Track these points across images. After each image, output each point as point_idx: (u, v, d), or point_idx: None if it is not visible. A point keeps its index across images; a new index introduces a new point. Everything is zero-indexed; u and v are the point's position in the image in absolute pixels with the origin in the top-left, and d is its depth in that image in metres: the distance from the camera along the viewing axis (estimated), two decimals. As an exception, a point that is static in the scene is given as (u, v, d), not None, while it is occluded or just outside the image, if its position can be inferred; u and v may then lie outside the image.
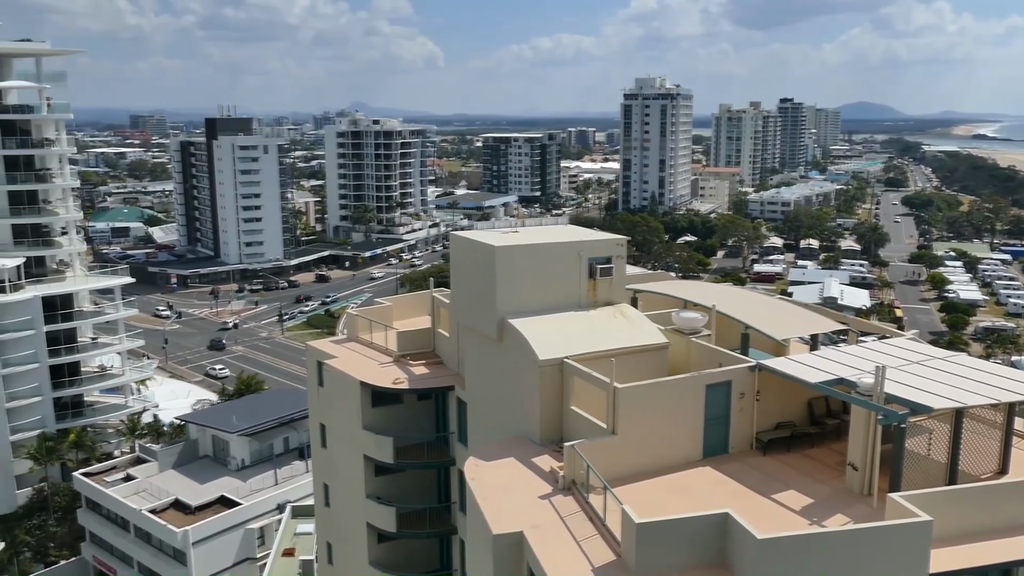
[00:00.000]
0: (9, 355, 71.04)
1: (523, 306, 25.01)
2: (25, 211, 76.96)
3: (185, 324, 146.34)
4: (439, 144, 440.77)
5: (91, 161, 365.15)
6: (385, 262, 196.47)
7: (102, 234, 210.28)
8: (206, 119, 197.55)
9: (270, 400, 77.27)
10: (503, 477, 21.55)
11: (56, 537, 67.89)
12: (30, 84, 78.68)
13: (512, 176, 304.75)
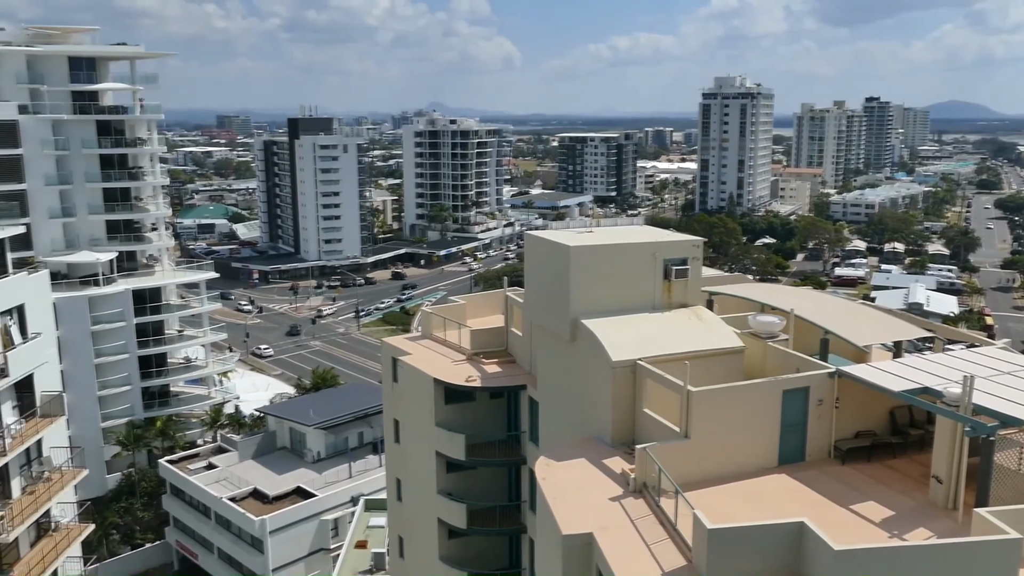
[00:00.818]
0: (102, 345, 74.22)
1: (597, 307, 24.88)
2: (119, 207, 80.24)
3: (266, 319, 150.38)
4: (515, 144, 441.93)
5: (180, 160, 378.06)
6: (460, 260, 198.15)
7: (189, 230, 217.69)
8: (288, 119, 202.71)
9: (346, 395, 78.86)
10: (574, 477, 21.49)
11: (142, 521, 70.60)
12: (125, 86, 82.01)
13: (588, 176, 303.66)
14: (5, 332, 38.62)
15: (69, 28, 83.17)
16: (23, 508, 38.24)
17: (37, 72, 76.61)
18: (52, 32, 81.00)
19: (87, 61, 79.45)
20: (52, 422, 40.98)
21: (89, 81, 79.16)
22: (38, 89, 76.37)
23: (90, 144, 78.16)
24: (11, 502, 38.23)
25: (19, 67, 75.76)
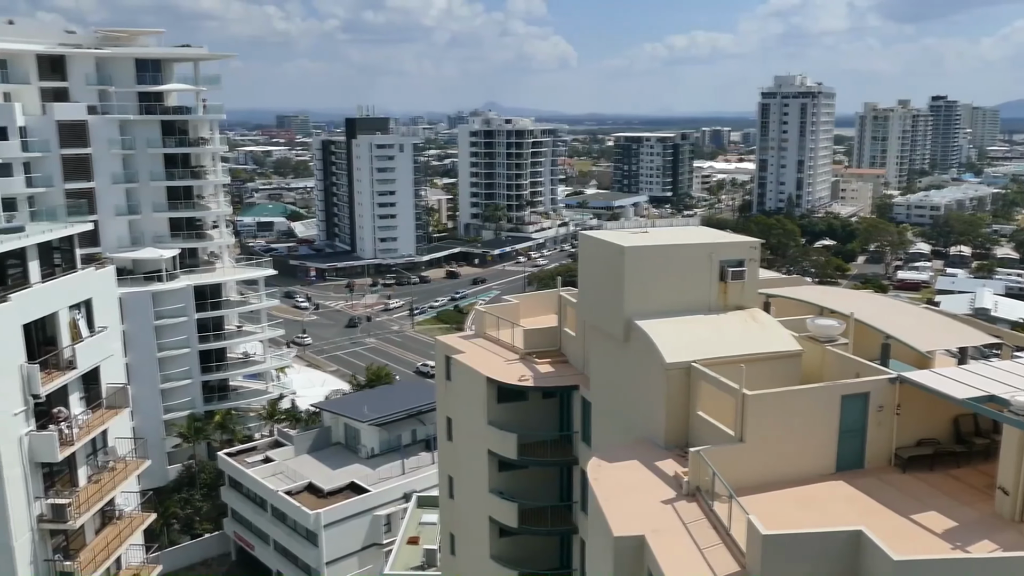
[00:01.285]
0: (164, 340, 76.23)
1: (651, 308, 24.69)
2: (181, 205, 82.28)
3: (322, 315, 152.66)
4: (570, 143, 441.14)
5: (240, 159, 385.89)
6: (514, 260, 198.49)
7: (248, 228, 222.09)
8: (346, 119, 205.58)
9: (399, 392, 79.64)
10: (626, 479, 21.37)
11: (201, 511, 72.25)
12: (188, 87, 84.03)
13: (643, 176, 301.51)
14: (74, 325, 39.87)
15: (136, 31, 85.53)
16: (89, 496, 39.43)
17: (105, 74, 78.99)
18: (120, 35, 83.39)
19: (153, 63, 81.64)
20: (117, 413, 42.16)
21: (155, 82, 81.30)
22: (106, 90, 78.74)
23: (155, 144, 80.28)
24: (78, 490, 39.44)
25: (89, 69, 78.20)
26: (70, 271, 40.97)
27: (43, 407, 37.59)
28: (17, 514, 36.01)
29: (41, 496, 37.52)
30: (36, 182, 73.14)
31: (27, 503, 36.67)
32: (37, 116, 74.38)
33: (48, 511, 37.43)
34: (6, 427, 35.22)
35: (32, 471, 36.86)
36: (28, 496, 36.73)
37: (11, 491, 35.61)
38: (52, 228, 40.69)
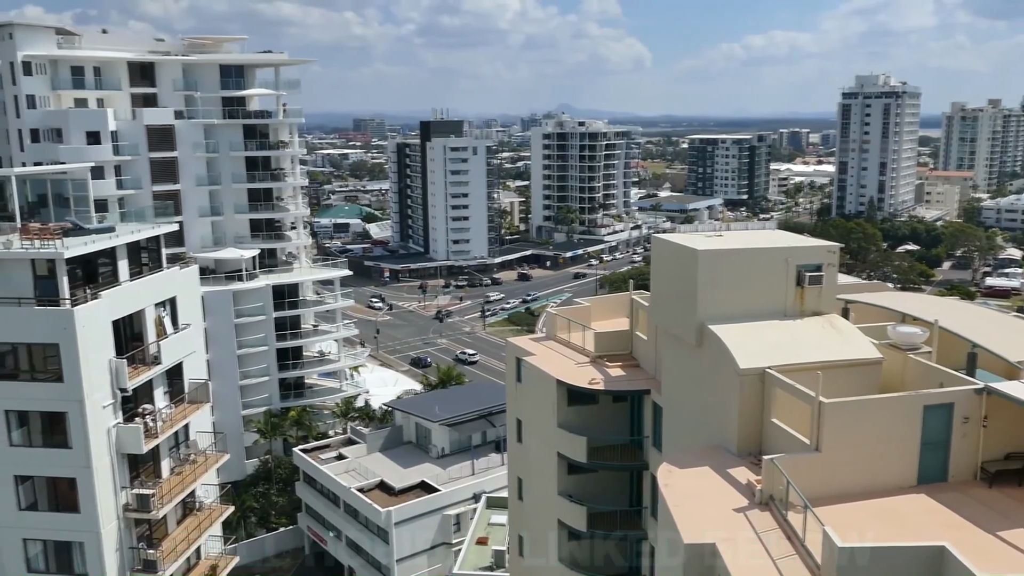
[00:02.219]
0: (244, 337, 78.40)
1: (725, 312, 24.32)
2: (261, 207, 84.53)
3: (395, 316, 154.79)
4: (644, 145, 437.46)
5: (318, 162, 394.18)
6: (585, 262, 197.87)
7: (325, 229, 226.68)
8: (421, 122, 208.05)
9: (470, 393, 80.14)
10: (697, 485, 21.09)
11: (277, 506, 74.02)
12: (269, 92, 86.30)
13: (718, 178, 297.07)
14: (159, 322, 41.38)
15: (220, 38, 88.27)
16: (171, 488, 40.85)
17: (192, 79, 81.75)
18: (205, 42, 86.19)
19: (236, 68, 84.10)
20: (198, 408, 43.59)
21: (238, 87, 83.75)
22: (192, 95, 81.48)
23: (237, 147, 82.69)
24: (161, 481, 40.91)
25: (176, 75, 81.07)
26: (156, 270, 42.53)
27: (130, 400, 39.12)
28: (105, 502, 37.55)
29: (127, 486, 39.03)
30: (126, 184, 76.17)
31: (114, 492, 38.20)
32: (128, 121, 77.44)
33: (133, 500, 38.93)
34: (96, 419, 36.75)
35: (119, 462, 38.38)
36: (115, 486, 38.26)
37: (99, 480, 37.15)
38: (140, 229, 42.35)
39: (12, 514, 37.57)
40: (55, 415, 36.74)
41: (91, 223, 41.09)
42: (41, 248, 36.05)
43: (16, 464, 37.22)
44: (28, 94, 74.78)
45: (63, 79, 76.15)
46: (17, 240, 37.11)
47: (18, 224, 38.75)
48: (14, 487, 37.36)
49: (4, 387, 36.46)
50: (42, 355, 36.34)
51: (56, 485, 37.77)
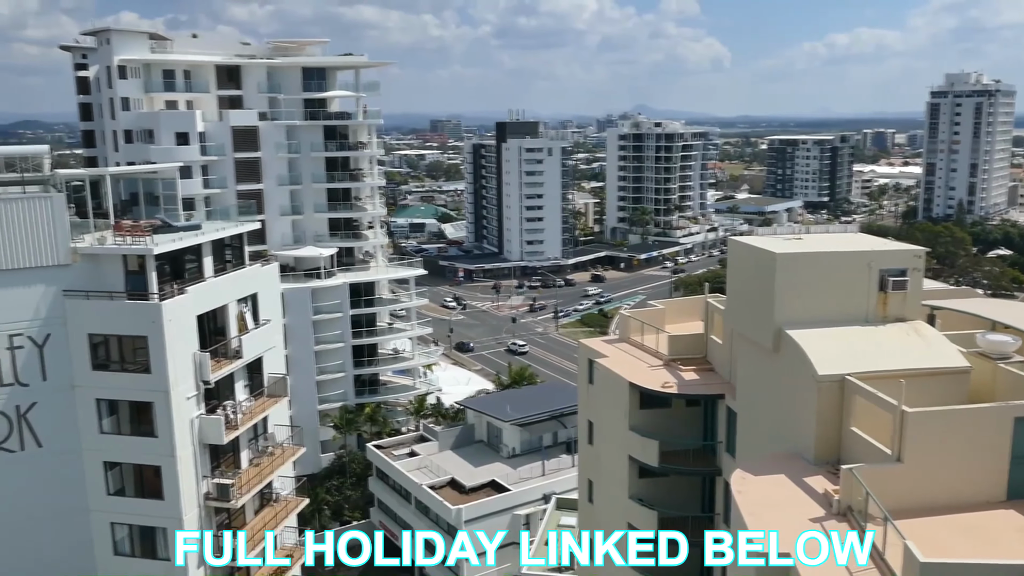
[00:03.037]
0: (321, 334, 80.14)
1: (803, 317, 23.77)
2: (340, 206, 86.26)
3: (469, 315, 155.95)
4: (721, 147, 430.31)
5: (395, 162, 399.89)
6: (660, 264, 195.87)
7: (401, 229, 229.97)
8: (497, 123, 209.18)
9: (542, 393, 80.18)
10: (772, 493, 20.66)
11: (350, 500, 75.41)
12: (350, 93, 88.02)
13: (798, 180, 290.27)
14: (241, 318, 42.60)
15: (303, 41, 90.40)
16: (250, 479, 42.01)
17: (275, 82, 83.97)
18: (289, 46, 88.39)
19: (318, 71, 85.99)
20: (277, 402, 44.71)
21: (319, 89, 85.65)
22: (276, 98, 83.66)
23: (318, 148, 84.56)
24: (240, 472, 42.10)
25: (261, 78, 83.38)
26: (239, 267, 43.77)
27: (212, 393, 40.39)
28: (187, 490, 38.85)
29: (208, 476, 40.29)
30: (212, 183, 78.70)
31: (196, 481, 39.49)
32: (215, 122, 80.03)
33: (214, 490, 40.16)
34: (180, 410, 38.08)
35: (201, 452, 39.67)
36: (197, 474, 39.55)
37: (182, 469, 38.47)
38: (224, 227, 43.66)
39: (101, 499, 39.21)
40: (142, 405, 38.18)
41: (179, 221, 42.61)
42: (132, 244, 37.54)
43: (105, 451, 38.82)
44: (123, 97, 77.94)
45: (155, 82, 79.12)
46: (111, 236, 38.74)
47: (112, 221, 40.44)
48: (103, 473, 38.98)
49: (96, 377, 38.05)
50: (132, 347, 37.81)
51: (142, 472, 39.20)
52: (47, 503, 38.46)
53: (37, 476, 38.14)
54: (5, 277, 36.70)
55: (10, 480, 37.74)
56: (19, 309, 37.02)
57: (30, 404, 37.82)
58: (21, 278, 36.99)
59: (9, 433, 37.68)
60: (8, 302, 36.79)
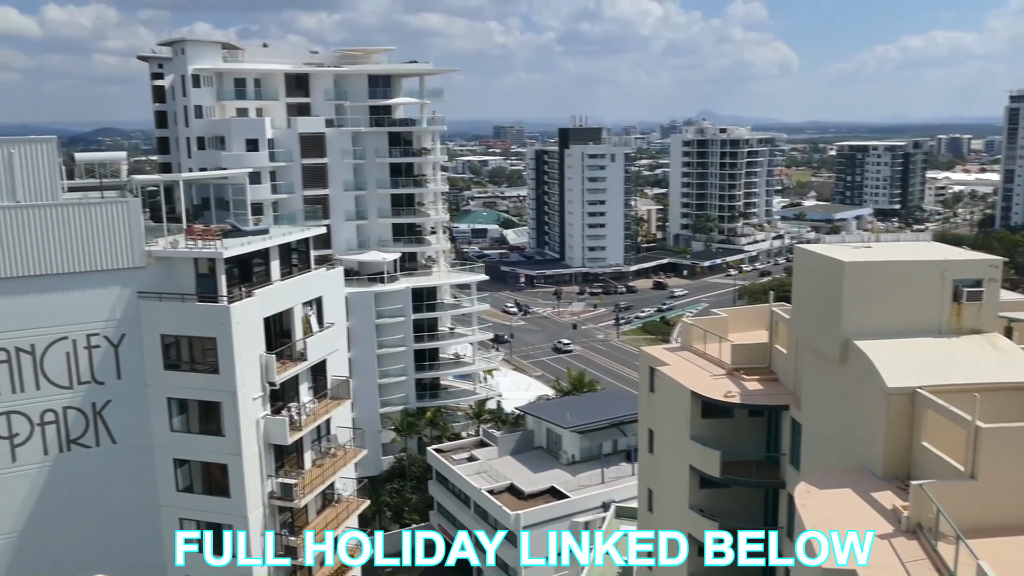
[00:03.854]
0: (384, 338, 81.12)
1: (872, 327, 23.17)
2: (403, 212, 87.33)
3: (529, 321, 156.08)
4: (788, 153, 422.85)
5: (458, 168, 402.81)
6: (724, 272, 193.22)
7: (463, 234, 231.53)
8: (559, 129, 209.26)
9: (602, 400, 79.71)
10: (838, 508, 20.15)
11: (410, 502, 76.03)
12: (414, 100, 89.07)
13: (868, 187, 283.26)
14: (306, 321, 43.43)
15: (369, 49, 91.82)
16: (312, 479, 42.74)
17: (342, 89, 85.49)
18: (355, 54, 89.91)
19: (383, 78, 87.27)
20: (340, 404, 45.41)
21: (384, 96, 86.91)
22: (342, 105, 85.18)
23: (382, 154, 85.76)
24: (303, 472, 42.87)
25: (328, 85, 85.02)
26: (305, 271, 44.65)
27: (277, 394, 41.23)
28: (252, 489, 39.72)
29: (272, 475, 41.12)
30: (280, 189, 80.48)
31: (261, 480, 40.35)
32: (283, 129, 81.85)
33: (278, 489, 40.97)
34: (247, 410, 38.97)
35: (266, 451, 40.53)
36: (262, 474, 40.40)
37: (248, 468, 39.35)
38: (291, 231, 44.64)
39: (171, 494, 40.37)
40: (211, 404, 39.19)
41: (248, 225, 43.65)
42: (203, 248, 38.61)
43: (176, 448, 39.97)
44: (196, 105, 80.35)
45: (227, 90, 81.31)
46: (183, 240, 39.92)
47: (184, 225, 41.66)
48: (173, 469, 40.13)
49: (167, 376, 39.23)
50: (201, 348, 38.87)
51: (210, 470, 40.23)
52: (120, 498, 39.74)
53: (111, 471, 39.46)
54: (84, 279, 38.12)
55: (86, 475, 39.10)
56: (96, 310, 38.41)
57: (105, 402, 39.18)
58: (99, 280, 38.38)
59: (86, 429, 39.08)
60: (87, 303, 38.21)
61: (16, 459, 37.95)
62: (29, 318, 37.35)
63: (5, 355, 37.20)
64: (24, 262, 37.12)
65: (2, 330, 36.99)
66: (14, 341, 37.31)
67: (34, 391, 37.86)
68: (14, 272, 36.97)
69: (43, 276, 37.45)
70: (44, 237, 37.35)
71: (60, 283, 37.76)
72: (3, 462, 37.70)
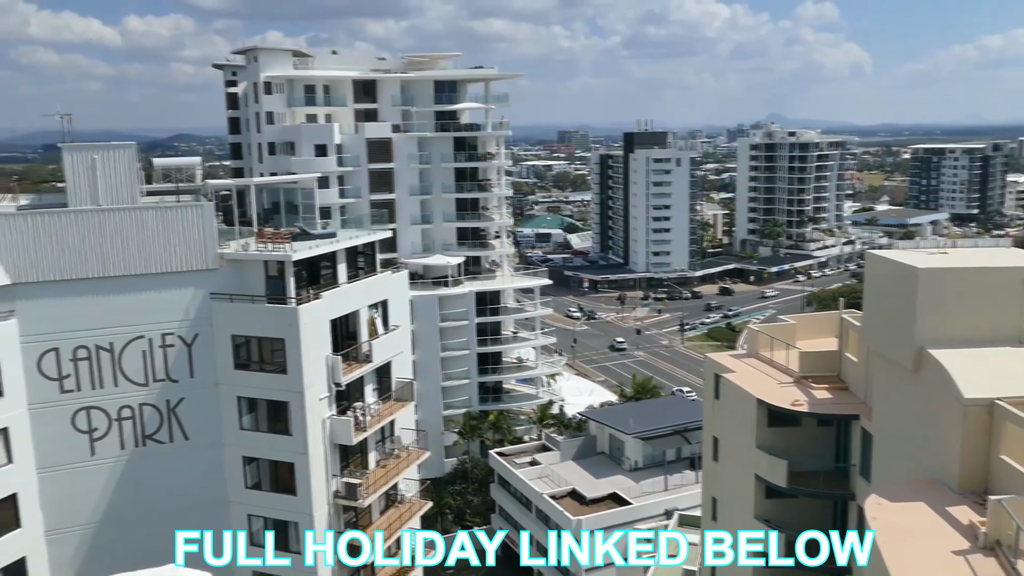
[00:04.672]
0: (447, 341, 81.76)
1: (947, 336, 22.45)
2: (468, 216, 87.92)
3: (593, 326, 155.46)
4: (860, 156, 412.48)
5: (522, 173, 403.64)
6: (792, 278, 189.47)
7: (527, 239, 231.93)
8: (624, 133, 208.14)
9: (665, 407, 79.00)
10: (910, 523, 19.56)
11: (472, 505, 76.42)
12: (479, 105, 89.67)
13: (944, 191, 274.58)
14: (371, 323, 44.04)
15: (436, 55, 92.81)
16: (376, 479, 43.27)
17: (409, 95, 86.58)
18: (422, 60, 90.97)
19: (449, 84, 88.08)
20: (403, 406, 45.90)
21: (450, 102, 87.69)
22: (408, 110, 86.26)
23: (448, 158, 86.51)
24: (368, 472, 43.43)
25: (395, 91, 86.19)
26: (371, 274, 45.28)
27: (342, 395, 41.89)
28: (318, 488, 40.42)
29: (337, 475, 41.77)
30: (347, 193, 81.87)
31: (326, 479, 41.03)
32: (351, 135, 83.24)
33: (342, 488, 41.58)
34: (313, 410, 39.69)
35: (331, 451, 41.19)
36: (327, 473, 41.08)
37: (314, 467, 40.06)
38: (358, 235, 45.33)
39: (240, 491, 41.33)
40: (279, 404, 40.01)
41: (316, 229, 44.52)
42: (273, 251, 39.50)
43: (245, 446, 40.91)
44: (268, 111, 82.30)
45: (297, 97, 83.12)
46: (253, 243, 40.91)
47: (255, 228, 42.69)
48: (242, 467, 41.08)
49: (238, 376, 40.21)
50: (270, 348, 39.72)
51: (277, 468, 41.04)
52: (191, 493, 40.83)
53: (183, 467, 40.59)
54: (160, 280, 39.36)
55: (159, 470, 40.30)
56: (171, 310, 39.62)
57: (179, 399, 40.36)
58: (174, 281, 39.58)
59: (160, 425, 40.31)
60: (162, 303, 39.44)
61: (95, 453, 39.33)
62: (109, 317, 38.71)
63: (86, 352, 38.61)
64: (105, 264, 38.51)
65: (84, 329, 38.38)
66: (95, 339, 38.69)
67: (112, 388, 39.22)
68: (95, 273, 38.37)
69: (122, 277, 38.80)
70: (123, 240, 38.69)
71: (138, 284, 39.06)
72: (82, 455, 39.11)
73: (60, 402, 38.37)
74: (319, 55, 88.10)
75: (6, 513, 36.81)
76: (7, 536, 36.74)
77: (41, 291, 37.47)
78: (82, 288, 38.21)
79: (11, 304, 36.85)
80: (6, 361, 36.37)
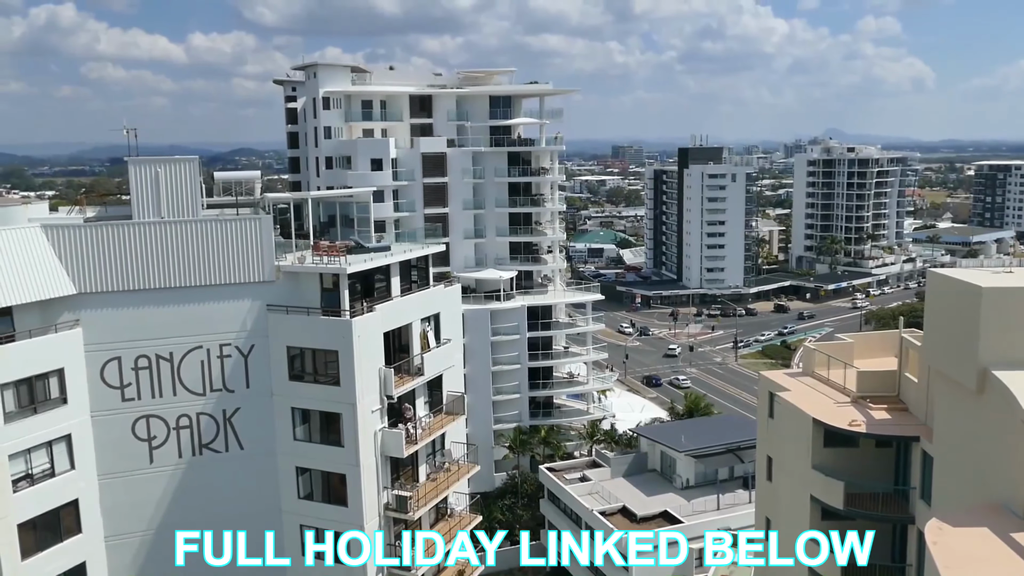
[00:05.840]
0: (499, 355, 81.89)
1: (1013, 357, 21.80)
2: (520, 230, 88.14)
3: (645, 342, 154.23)
4: (922, 172, 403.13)
5: (576, 187, 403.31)
6: (850, 296, 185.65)
7: (580, 253, 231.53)
8: (679, 149, 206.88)
9: (718, 425, 77.83)
10: (973, 548, 18.97)
11: (521, 520, 76.11)
12: (534, 120, 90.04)
13: (1010, 209, 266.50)
14: (424, 336, 44.39)
15: (491, 71, 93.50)
16: (426, 492, 43.46)
17: (463, 110, 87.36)
18: (477, 75, 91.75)
19: (504, 99, 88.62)
20: (454, 419, 46.08)
21: (504, 117, 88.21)
22: (463, 125, 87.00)
23: (501, 173, 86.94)
24: (418, 485, 43.65)
25: (450, 106, 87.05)
26: (424, 287, 45.69)
27: (394, 407, 42.22)
28: (369, 499, 40.74)
29: (388, 487, 42.07)
30: (402, 207, 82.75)
31: (377, 491, 41.35)
32: (406, 149, 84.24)
33: (393, 501, 41.88)
34: (365, 422, 40.08)
35: (382, 464, 41.52)
36: (378, 485, 41.41)
37: (365, 478, 40.41)
38: (412, 249, 45.81)
39: (293, 501, 41.89)
40: (331, 415, 40.50)
41: (371, 242, 45.11)
42: (328, 264, 40.12)
43: (298, 456, 41.49)
44: (326, 126, 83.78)
45: (355, 112, 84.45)
46: (309, 256, 41.63)
47: (311, 241, 43.43)
48: (295, 477, 41.65)
49: (292, 387, 40.85)
50: (324, 360, 40.28)
51: (329, 479, 41.50)
52: (246, 502, 41.53)
53: (238, 476, 41.32)
54: (219, 291, 40.24)
55: (215, 478, 41.08)
56: (229, 321, 40.47)
57: (235, 409, 41.14)
58: (232, 292, 40.44)
59: (216, 434, 41.11)
60: (220, 314, 40.31)
61: (153, 460, 40.26)
62: (169, 327, 39.69)
63: (147, 362, 39.62)
64: (166, 275, 39.52)
65: (145, 338, 39.42)
66: (155, 349, 39.70)
67: (171, 396, 40.15)
68: (157, 284, 39.41)
69: (182, 288, 39.78)
70: (184, 251, 39.68)
71: (197, 295, 40.00)
72: (141, 463, 40.07)
73: (121, 410, 39.38)
74: (376, 71, 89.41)
75: (68, 518, 37.81)
76: (69, 541, 37.74)
77: (105, 301, 38.56)
78: (144, 298, 39.25)
79: (76, 313, 38.01)
80: (71, 369, 37.47)
